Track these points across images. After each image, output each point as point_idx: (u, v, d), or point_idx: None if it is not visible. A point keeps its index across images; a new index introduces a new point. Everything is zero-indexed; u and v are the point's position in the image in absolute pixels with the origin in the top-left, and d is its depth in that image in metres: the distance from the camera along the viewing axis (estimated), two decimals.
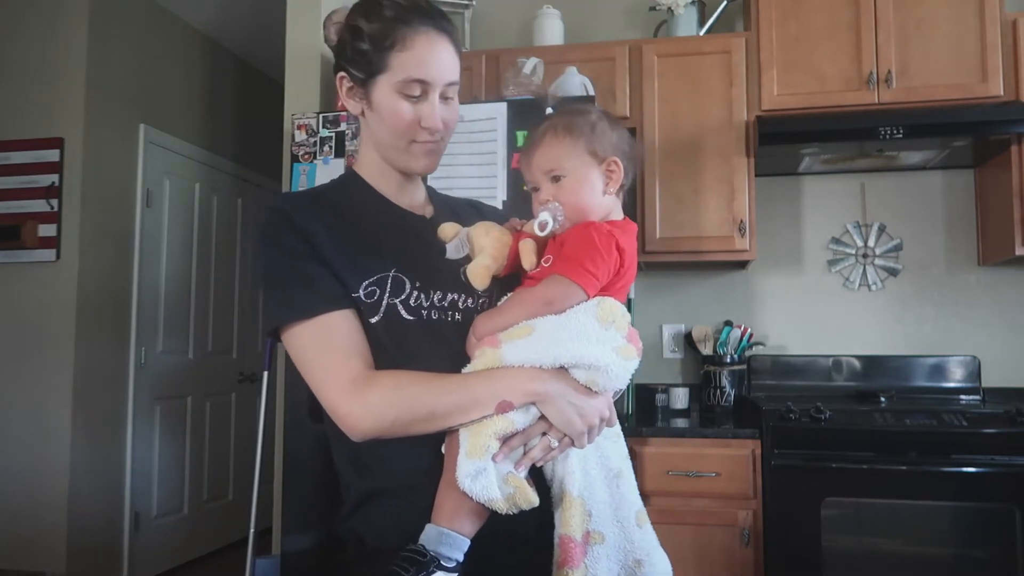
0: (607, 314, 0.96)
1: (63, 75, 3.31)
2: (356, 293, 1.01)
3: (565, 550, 0.95)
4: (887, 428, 2.21)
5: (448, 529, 0.92)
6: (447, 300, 1.05)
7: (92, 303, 3.32)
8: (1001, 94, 2.48)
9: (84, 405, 3.27)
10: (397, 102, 1.05)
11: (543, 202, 1.03)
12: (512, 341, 0.96)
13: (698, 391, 2.87)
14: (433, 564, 0.89)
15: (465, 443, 0.92)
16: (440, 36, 1.06)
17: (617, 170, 1.04)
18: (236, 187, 4.42)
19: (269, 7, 3.56)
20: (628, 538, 1.00)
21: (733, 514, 2.27)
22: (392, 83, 1.04)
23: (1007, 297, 2.80)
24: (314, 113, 2.39)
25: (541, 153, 1.04)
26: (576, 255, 0.97)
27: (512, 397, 0.93)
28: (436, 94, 1.06)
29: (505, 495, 0.91)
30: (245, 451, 4.32)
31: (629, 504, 1.01)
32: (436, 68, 1.05)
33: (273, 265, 1.02)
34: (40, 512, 3.17)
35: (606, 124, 1.05)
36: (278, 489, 2.47)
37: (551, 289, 0.97)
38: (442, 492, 0.95)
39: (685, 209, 2.65)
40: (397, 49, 1.03)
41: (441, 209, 1.18)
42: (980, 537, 2.15)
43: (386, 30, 1.04)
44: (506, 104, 2.24)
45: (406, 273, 1.03)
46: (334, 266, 1.01)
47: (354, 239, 1.04)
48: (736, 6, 2.99)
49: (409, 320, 1.02)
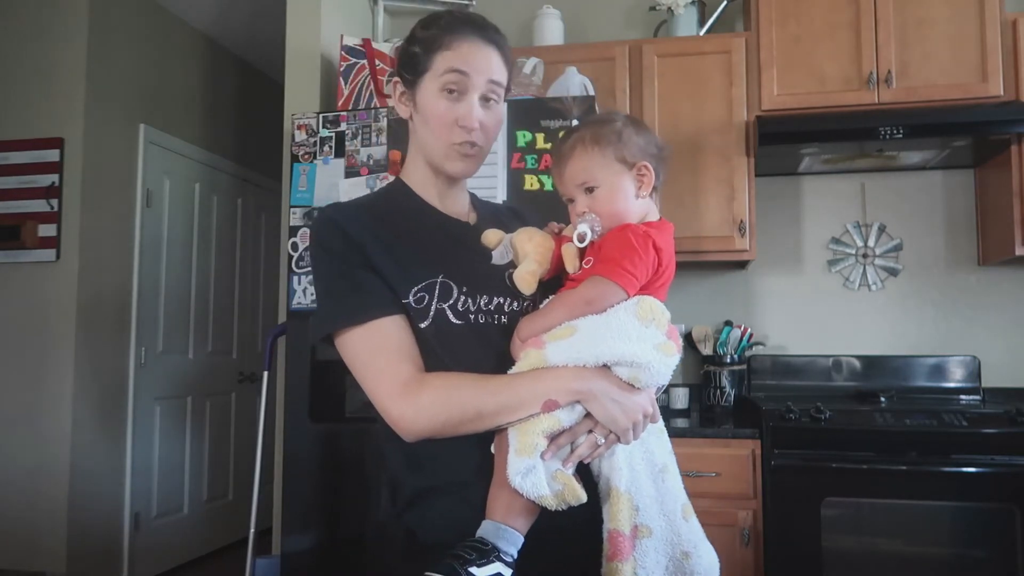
0: (647, 312, 0.98)
1: (63, 75, 3.31)
2: (406, 299, 1.04)
3: (614, 544, 0.98)
4: (887, 428, 2.21)
5: (504, 524, 0.95)
6: (493, 304, 1.09)
7: (92, 303, 3.32)
8: (1001, 94, 2.48)
9: (84, 405, 3.27)
10: (438, 100, 1.09)
11: (579, 214, 1.06)
12: (555, 342, 0.99)
13: (698, 391, 2.87)
14: (494, 554, 0.93)
15: (514, 442, 0.95)
16: (487, 44, 1.11)
17: (648, 173, 1.07)
18: (236, 187, 4.42)
19: (269, 7, 3.56)
20: (675, 531, 1.03)
21: (733, 514, 2.27)
22: (434, 79, 1.09)
23: (1007, 297, 2.80)
24: (314, 113, 2.39)
25: (572, 166, 1.07)
26: (614, 256, 1.00)
27: (557, 396, 0.96)
28: (475, 93, 1.09)
29: (554, 492, 0.94)
30: (245, 451, 4.32)
31: (675, 498, 1.04)
32: (476, 65, 1.09)
33: (326, 273, 1.07)
34: (40, 512, 3.17)
35: (632, 130, 1.08)
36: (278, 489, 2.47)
37: (591, 289, 1.00)
38: (494, 491, 0.98)
39: (685, 209, 2.65)
40: (443, 50, 1.09)
41: (484, 215, 1.23)
42: (980, 537, 2.15)
43: (437, 35, 1.10)
44: (506, 104, 2.23)
45: (453, 279, 1.07)
46: (384, 273, 1.05)
47: (402, 247, 1.08)
48: (736, 6, 2.99)
49: (457, 324, 1.05)
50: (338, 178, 2.32)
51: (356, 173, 2.31)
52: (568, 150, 1.08)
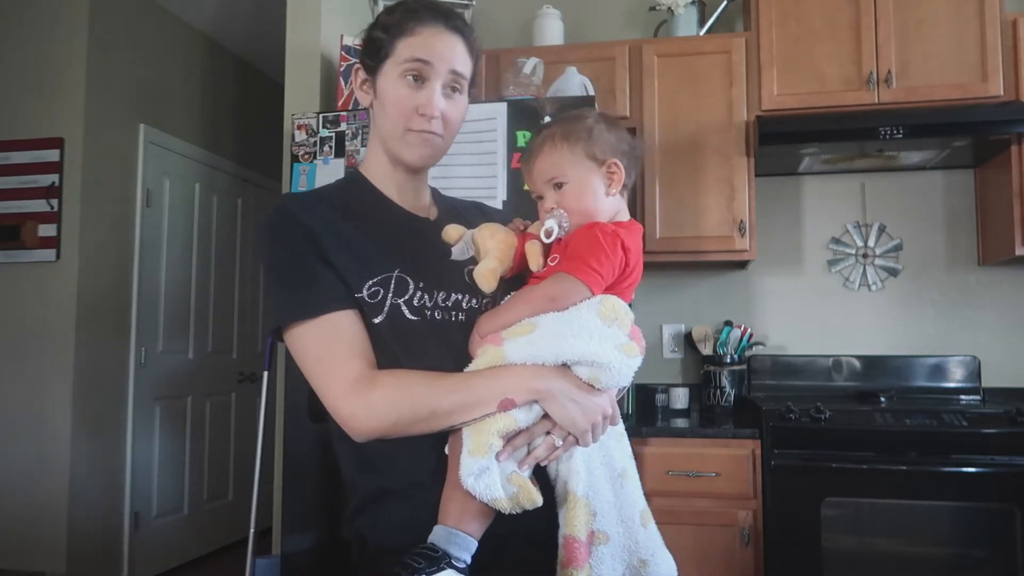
0: (610, 311, 0.96)
1: (63, 75, 3.31)
2: (359, 293, 1.01)
3: (569, 550, 0.95)
4: (887, 428, 2.21)
5: (456, 529, 0.92)
6: (451, 300, 1.06)
7: (92, 303, 3.32)
8: (1001, 94, 2.48)
9: (84, 405, 3.27)
10: (398, 86, 1.07)
11: (548, 210, 1.04)
12: (514, 338, 0.96)
13: (698, 391, 2.87)
14: (444, 560, 0.89)
15: (468, 442, 0.92)
16: (451, 32, 1.08)
17: (618, 171, 1.05)
18: (236, 187, 4.42)
19: (269, 7, 3.56)
20: (633, 538, 1.00)
21: (733, 514, 2.27)
22: (395, 66, 1.07)
23: (1007, 297, 2.80)
24: (314, 113, 2.39)
25: (541, 162, 1.05)
26: (580, 253, 0.97)
27: (514, 395, 0.93)
28: (438, 81, 1.07)
29: (509, 494, 0.91)
30: (245, 451, 4.32)
31: (633, 503, 1.02)
32: (439, 53, 1.06)
33: (278, 264, 1.03)
34: (40, 512, 3.17)
35: (603, 127, 1.06)
36: (278, 489, 2.47)
37: (555, 286, 0.97)
38: (447, 493, 0.95)
39: (685, 209, 2.65)
40: (406, 35, 1.07)
41: (446, 211, 1.19)
42: (980, 537, 2.15)
43: (400, 20, 1.08)
44: (506, 104, 2.24)
45: (410, 274, 1.03)
46: (338, 266, 1.01)
47: (358, 240, 1.04)
48: (736, 6, 2.99)
49: (413, 320, 1.02)
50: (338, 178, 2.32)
51: None
52: (538, 146, 1.06)
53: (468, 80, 1.11)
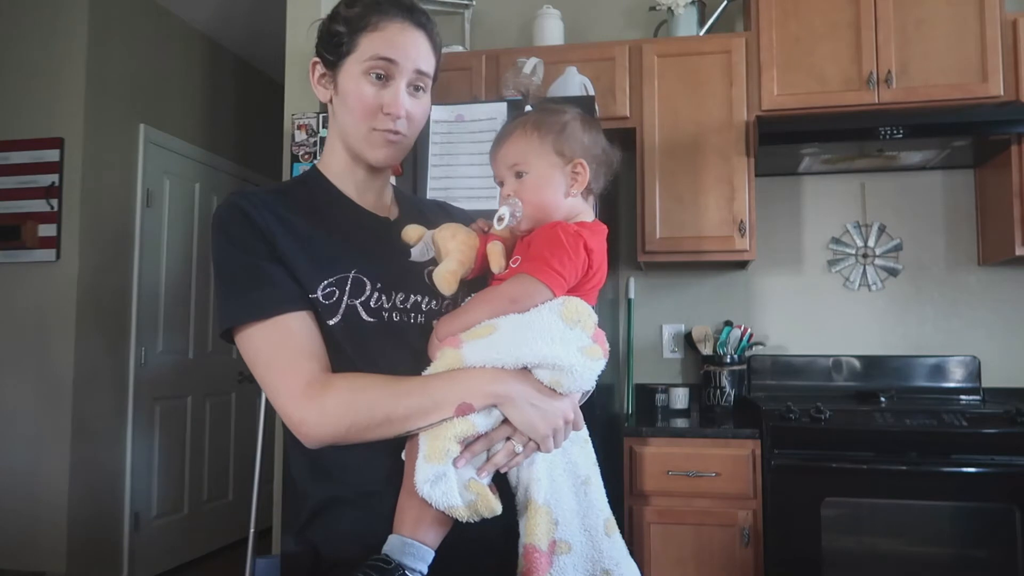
0: (572, 313, 0.93)
1: (63, 75, 3.31)
2: (314, 294, 0.98)
3: (529, 560, 0.92)
4: (887, 428, 2.21)
5: (411, 539, 0.89)
6: (410, 302, 1.03)
7: (92, 303, 3.32)
8: (1001, 94, 2.47)
9: (84, 405, 3.27)
10: (362, 84, 1.03)
11: (504, 197, 1.02)
12: (473, 341, 0.93)
13: (698, 391, 2.87)
14: (398, 572, 0.86)
15: (424, 447, 0.89)
16: (415, 28, 1.05)
17: (583, 172, 1.02)
18: (236, 187, 4.41)
19: (269, 7, 3.56)
20: (596, 547, 0.98)
21: (733, 514, 2.27)
22: (359, 63, 1.03)
23: (1007, 297, 2.80)
24: (314, 113, 2.39)
25: (507, 148, 1.03)
26: (542, 254, 0.95)
27: (472, 399, 0.90)
28: (403, 80, 1.03)
29: (467, 502, 0.88)
30: (245, 451, 4.31)
31: (597, 512, 0.99)
32: (404, 51, 1.03)
33: (227, 263, 0.99)
34: (40, 512, 3.17)
35: (579, 125, 1.04)
36: (278, 489, 2.47)
37: (516, 287, 0.95)
38: (403, 500, 0.92)
39: (685, 209, 2.65)
40: (369, 31, 1.03)
41: (407, 210, 1.17)
42: (980, 537, 2.14)
43: (362, 13, 1.04)
44: (506, 104, 2.24)
45: (367, 274, 1.00)
46: (292, 266, 0.98)
47: (313, 239, 1.01)
48: (736, 6, 2.99)
49: (369, 322, 0.99)
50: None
51: None
52: (508, 131, 1.04)
53: (432, 78, 1.08)
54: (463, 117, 2.23)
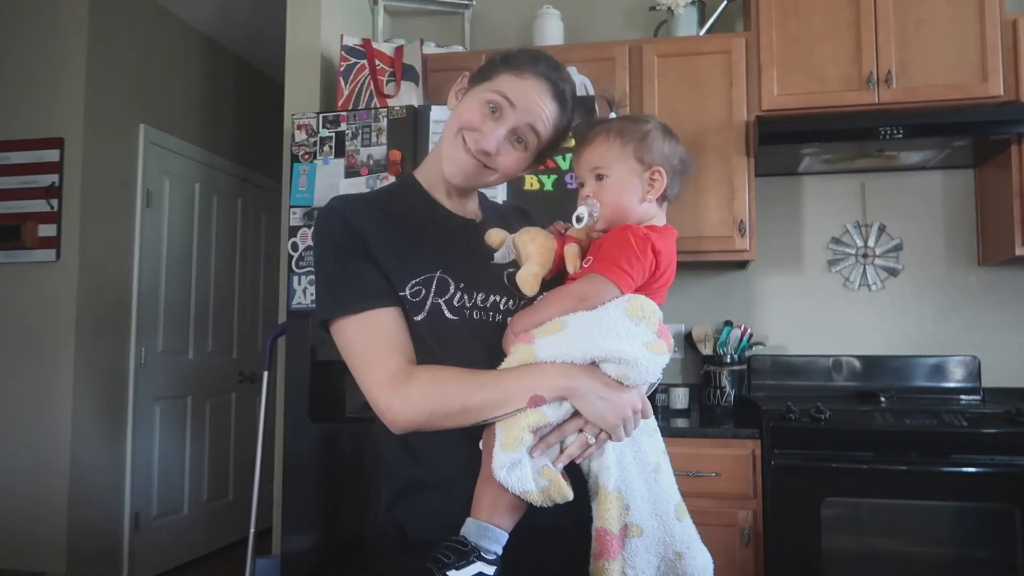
0: (637, 310, 0.98)
1: (63, 75, 3.31)
2: (403, 292, 1.05)
3: (601, 543, 0.98)
4: (887, 428, 2.21)
5: (487, 523, 0.95)
6: (489, 302, 1.09)
7: (92, 303, 3.32)
8: (1001, 94, 2.48)
9: (84, 405, 3.27)
10: (476, 104, 1.10)
11: (583, 197, 1.08)
12: (544, 337, 0.99)
13: (698, 391, 2.87)
14: (474, 554, 0.93)
15: (500, 436, 0.95)
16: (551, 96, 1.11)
17: (660, 180, 1.08)
18: (236, 187, 4.42)
19: (269, 7, 3.56)
20: (667, 531, 1.03)
21: (733, 514, 2.27)
22: (486, 91, 1.10)
23: (1007, 297, 2.80)
24: (314, 113, 2.39)
25: (591, 151, 1.09)
26: (611, 255, 1.01)
27: (543, 392, 0.96)
28: (509, 123, 1.09)
29: (540, 488, 0.94)
30: (245, 451, 4.31)
31: (668, 497, 1.04)
32: (527, 102, 1.09)
33: (326, 262, 1.08)
34: (40, 512, 3.17)
35: (659, 135, 1.10)
36: (278, 489, 2.47)
37: (585, 286, 1.01)
38: (480, 486, 0.98)
39: (685, 209, 2.65)
40: (511, 72, 1.11)
41: (490, 214, 1.24)
42: (980, 537, 2.15)
43: (518, 59, 1.12)
44: None
45: (451, 274, 1.07)
46: (383, 265, 1.06)
47: (403, 241, 1.09)
48: (736, 6, 2.99)
49: (452, 320, 1.06)
50: (338, 178, 2.32)
51: (356, 173, 2.31)
52: (592, 135, 1.10)
53: (538, 143, 1.12)
54: None
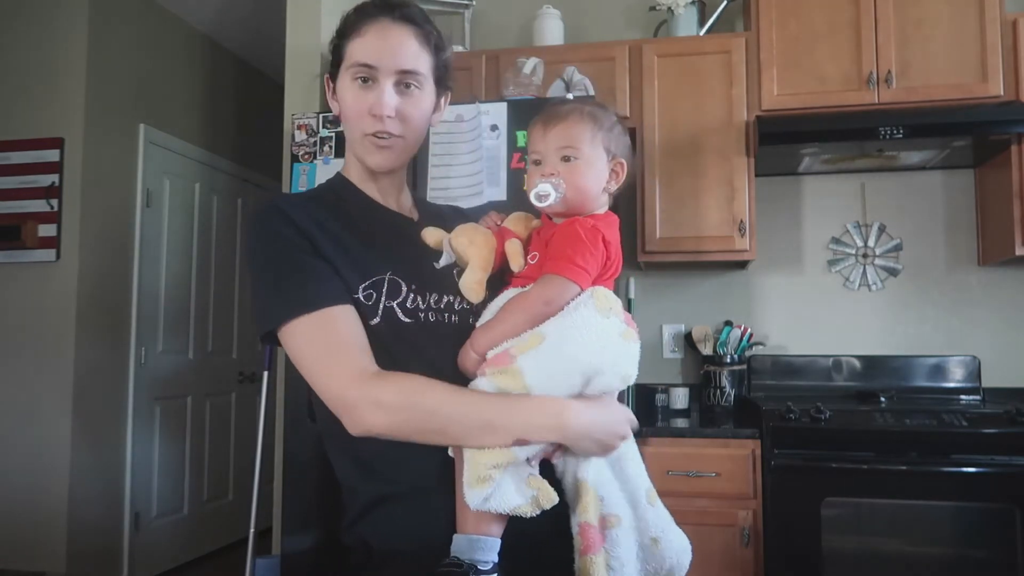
0: (603, 302, 0.97)
1: (63, 75, 3.31)
2: (356, 295, 1.00)
3: (585, 537, 0.97)
4: (887, 428, 2.21)
5: (476, 535, 0.93)
6: (443, 302, 1.05)
7: (92, 303, 3.32)
8: (1001, 94, 2.48)
9: (84, 405, 3.27)
10: (351, 91, 1.05)
11: (546, 175, 1.04)
12: (526, 353, 0.95)
13: (698, 391, 2.87)
14: (471, 571, 0.90)
15: (467, 472, 0.92)
16: (398, 24, 1.05)
17: (621, 172, 1.08)
18: (236, 187, 4.42)
19: (269, 7, 3.56)
20: (641, 517, 1.02)
21: (733, 514, 2.27)
22: (347, 71, 1.05)
23: (1007, 297, 2.80)
24: (314, 113, 2.39)
25: (562, 129, 1.05)
26: (565, 252, 0.99)
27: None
28: (387, 81, 1.03)
29: (528, 499, 0.92)
30: (245, 451, 4.31)
31: (637, 484, 1.04)
32: (382, 53, 1.03)
33: (272, 261, 1.00)
34: (40, 512, 3.17)
35: (620, 129, 1.09)
36: (278, 489, 2.47)
37: (547, 289, 0.98)
38: (461, 502, 0.94)
39: (685, 209, 2.65)
40: (353, 36, 1.05)
41: (425, 213, 1.19)
42: (980, 537, 2.15)
43: (351, 20, 1.06)
44: (506, 104, 2.24)
45: (402, 276, 1.03)
46: (334, 264, 1.00)
47: (349, 242, 1.03)
48: (736, 6, 2.99)
49: (407, 323, 1.01)
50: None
51: None
52: (564, 113, 1.06)
53: (427, 75, 1.07)
54: (463, 117, 2.22)
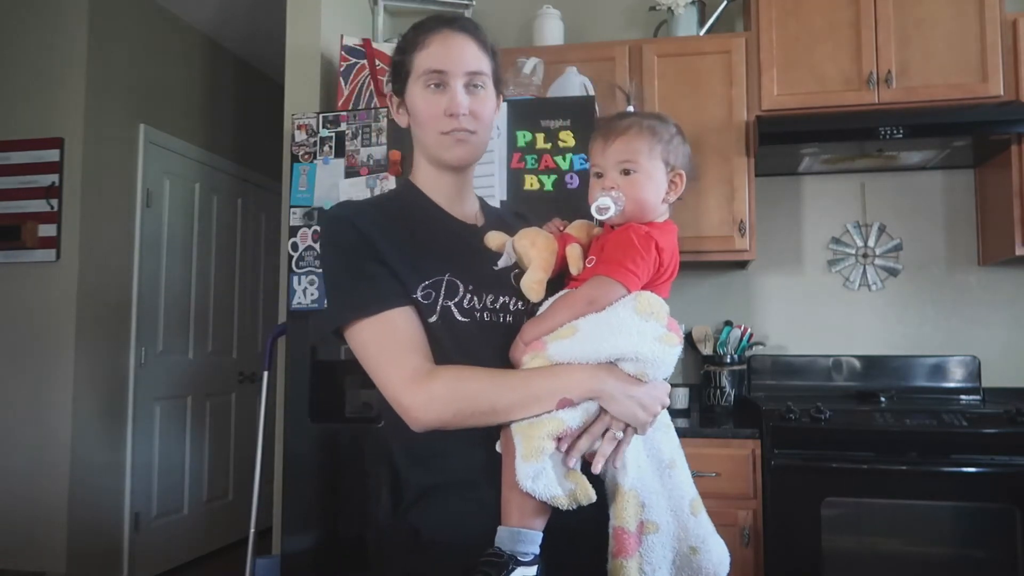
0: (645, 306, 1.00)
1: (63, 75, 3.31)
2: (414, 294, 1.06)
3: (619, 541, 1.00)
4: (887, 428, 2.21)
5: (519, 527, 0.96)
6: (499, 303, 1.10)
7: (92, 303, 3.32)
8: (1001, 94, 2.48)
9: (84, 405, 3.27)
10: (423, 97, 1.13)
11: (606, 188, 1.08)
12: (557, 342, 1.00)
13: (698, 391, 2.87)
14: (512, 562, 0.94)
15: (521, 447, 0.95)
16: (457, 33, 1.14)
17: (680, 184, 1.11)
18: (236, 187, 4.42)
19: (269, 7, 3.56)
20: (682, 526, 1.05)
21: (733, 514, 2.27)
22: (417, 81, 1.14)
23: (1007, 297, 2.80)
24: (314, 113, 2.39)
25: (621, 143, 1.09)
26: (616, 256, 1.03)
27: (571, 394, 0.97)
28: (457, 83, 1.12)
29: (567, 492, 0.94)
30: (245, 451, 4.31)
31: (683, 493, 1.06)
32: (450, 59, 1.12)
33: (336, 266, 1.09)
34: (40, 512, 3.17)
35: (680, 140, 1.12)
36: (278, 489, 2.47)
37: (593, 289, 1.02)
38: (506, 494, 0.99)
39: (685, 209, 2.64)
40: (419, 50, 1.14)
41: (491, 219, 1.25)
42: (980, 537, 2.15)
43: (413, 36, 1.16)
44: (506, 104, 2.24)
45: (459, 277, 1.08)
46: (393, 268, 1.06)
47: (411, 244, 1.10)
48: (736, 6, 2.99)
49: (463, 322, 1.07)
50: (338, 178, 2.32)
51: (356, 173, 2.31)
52: (624, 127, 1.10)
53: (489, 76, 1.16)
54: None
